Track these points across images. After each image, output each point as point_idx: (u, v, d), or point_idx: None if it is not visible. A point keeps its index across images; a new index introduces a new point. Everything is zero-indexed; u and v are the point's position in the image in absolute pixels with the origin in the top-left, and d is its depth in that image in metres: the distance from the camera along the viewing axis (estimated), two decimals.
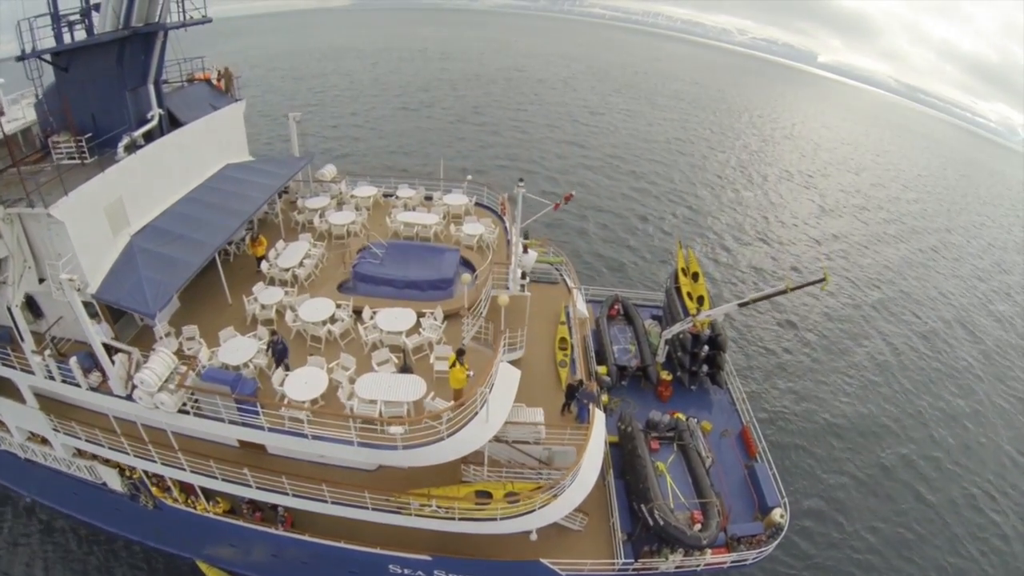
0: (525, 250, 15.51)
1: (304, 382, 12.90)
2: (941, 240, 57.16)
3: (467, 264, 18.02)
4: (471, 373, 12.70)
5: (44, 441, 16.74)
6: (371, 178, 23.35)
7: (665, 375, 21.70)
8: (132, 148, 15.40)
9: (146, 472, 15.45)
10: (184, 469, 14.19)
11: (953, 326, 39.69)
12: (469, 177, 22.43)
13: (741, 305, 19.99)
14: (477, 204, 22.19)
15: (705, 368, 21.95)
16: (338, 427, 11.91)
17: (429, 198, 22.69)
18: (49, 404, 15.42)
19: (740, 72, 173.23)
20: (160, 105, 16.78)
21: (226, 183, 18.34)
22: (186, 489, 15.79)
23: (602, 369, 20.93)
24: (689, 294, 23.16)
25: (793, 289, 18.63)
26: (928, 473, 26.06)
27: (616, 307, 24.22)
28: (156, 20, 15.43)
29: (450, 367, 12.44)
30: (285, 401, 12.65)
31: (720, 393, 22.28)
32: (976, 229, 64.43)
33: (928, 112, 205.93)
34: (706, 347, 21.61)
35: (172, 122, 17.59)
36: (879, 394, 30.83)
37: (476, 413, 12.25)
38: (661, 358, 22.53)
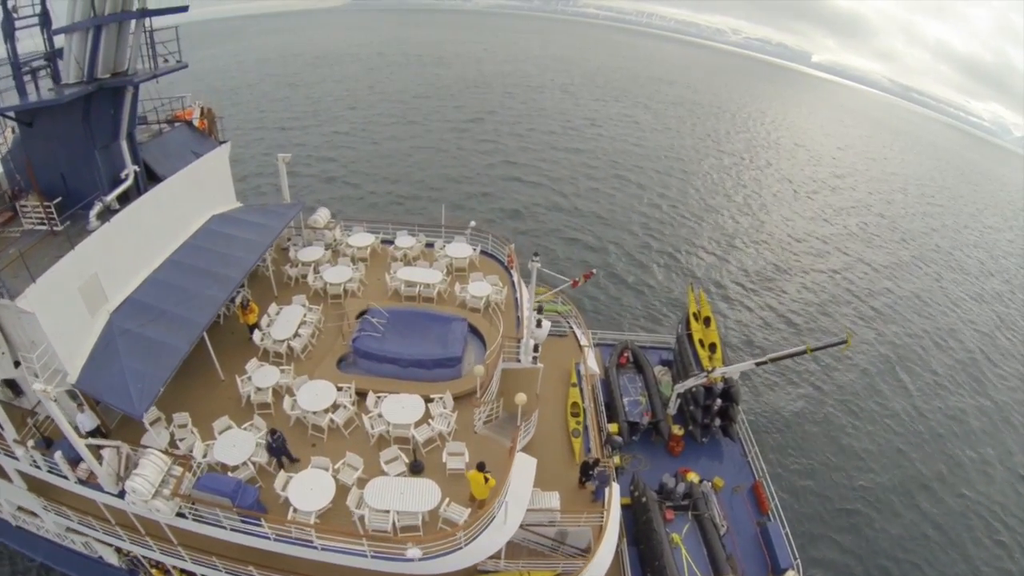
0: (539, 324, 14.66)
1: (309, 488, 12.03)
2: (952, 259, 56.06)
3: (474, 331, 17.05)
4: (489, 473, 12.00)
5: (35, 513, 15.89)
6: (367, 224, 22.17)
7: (677, 430, 21.15)
8: (105, 214, 14.15)
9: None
10: (184, 559, 13.40)
11: (977, 358, 38.05)
12: (472, 224, 21.29)
13: (758, 364, 19.40)
14: (483, 253, 21.19)
15: (717, 421, 21.46)
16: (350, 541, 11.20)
17: (431, 245, 21.66)
18: (37, 484, 14.53)
19: (735, 73, 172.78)
20: (135, 160, 15.41)
21: (212, 240, 17.08)
22: (188, 572, 14.96)
23: (613, 427, 20.25)
24: (701, 341, 22.55)
25: (814, 351, 18.30)
26: (955, 524, 24.94)
27: (625, 355, 23.53)
28: (124, 69, 14.11)
29: (484, 483, 11.79)
30: (291, 513, 11.84)
31: (732, 446, 21.79)
32: (983, 244, 63.78)
33: (922, 112, 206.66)
34: (719, 400, 21.12)
35: (149, 176, 16.20)
36: (898, 437, 29.30)
37: (494, 517, 11.58)
38: (672, 410, 21.93)
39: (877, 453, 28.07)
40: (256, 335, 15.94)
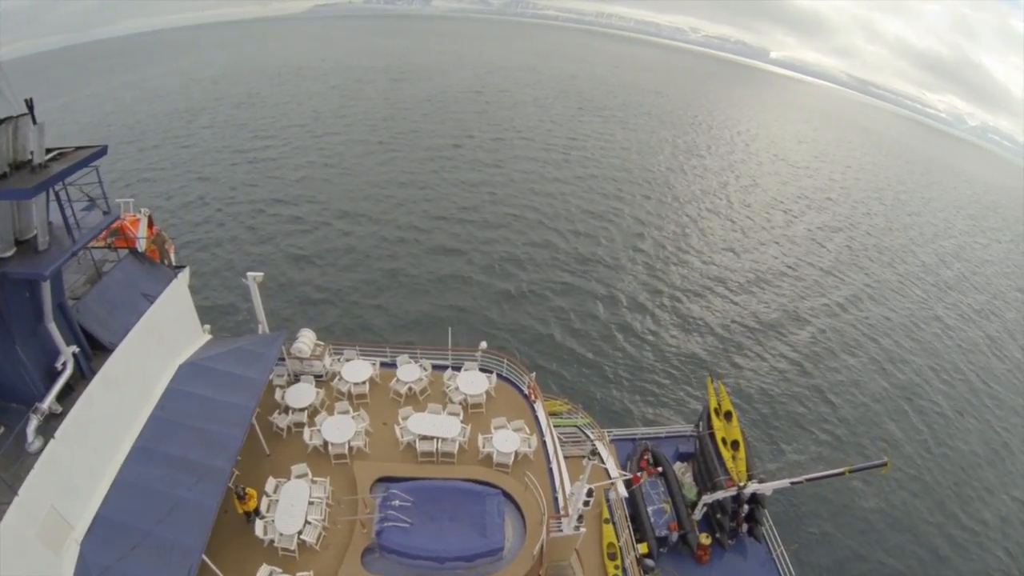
0: (587, 504, 13.36)
1: None
2: (944, 279, 56.10)
3: (509, 498, 15.32)
4: None
5: None
6: (360, 347, 19.45)
7: (704, 539, 20.22)
8: (47, 424, 11.25)
9: None
10: None
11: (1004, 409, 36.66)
12: (483, 345, 19.23)
13: (794, 483, 18.56)
14: (499, 377, 18.70)
15: (745, 526, 20.72)
16: None
17: (439, 368, 19.25)
18: None
19: (699, 76, 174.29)
20: (73, 337, 12.37)
21: (184, 409, 14.23)
22: None
23: (643, 547, 19.17)
24: (724, 439, 21.70)
25: (851, 472, 17.58)
26: None
27: (646, 457, 22.41)
28: (33, 235, 11.06)
29: None
30: None
31: (757, 545, 21.12)
32: (966, 255, 64.99)
33: (879, 104, 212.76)
34: (746, 506, 20.37)
35: (93, 346, 13.10)
36: (920, 513, 27.61)
37: None
38: (698, 516, 21.01)
39: (905, 546, 26.30)
40: (258, 526, 13.90)
